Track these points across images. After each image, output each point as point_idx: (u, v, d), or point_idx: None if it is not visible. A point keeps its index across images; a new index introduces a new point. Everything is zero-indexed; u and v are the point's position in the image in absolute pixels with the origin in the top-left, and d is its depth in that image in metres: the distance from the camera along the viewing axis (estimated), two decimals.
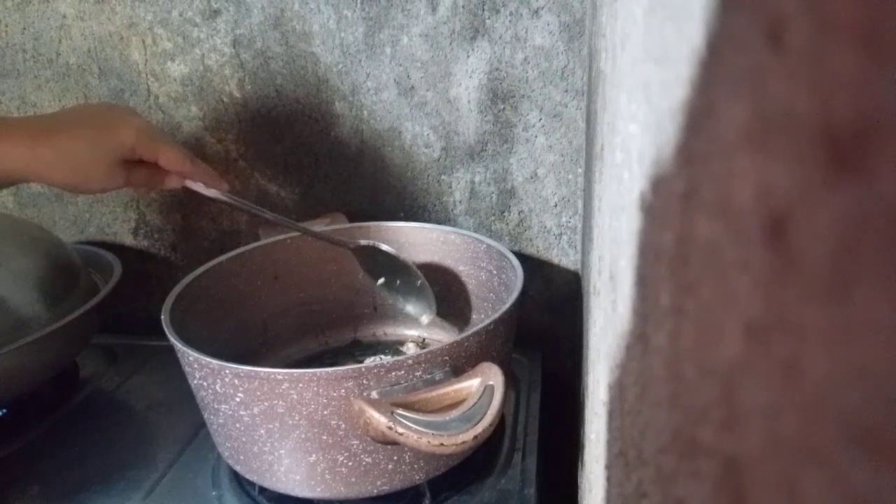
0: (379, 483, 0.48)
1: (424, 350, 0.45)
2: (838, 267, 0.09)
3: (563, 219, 0.70)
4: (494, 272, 0.63)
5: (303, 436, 0.45)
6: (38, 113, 0.75)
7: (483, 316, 0.65)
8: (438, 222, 0.69)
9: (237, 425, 0.47)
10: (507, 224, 0.71)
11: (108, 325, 0.69)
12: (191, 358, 0.47)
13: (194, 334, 0.50)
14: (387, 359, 0.65)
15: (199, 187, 0.55)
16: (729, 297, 0.13)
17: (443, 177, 0.70)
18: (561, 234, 0.71)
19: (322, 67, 0.68)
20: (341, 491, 0.48)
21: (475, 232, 0.67)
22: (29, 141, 0.47)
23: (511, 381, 0.60)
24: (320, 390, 0.43)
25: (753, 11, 0.11)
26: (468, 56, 0.65)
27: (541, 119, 0.66)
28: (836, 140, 0.09)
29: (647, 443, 0.21)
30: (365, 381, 0.43)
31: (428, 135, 0.69)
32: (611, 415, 0.29)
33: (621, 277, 0.26)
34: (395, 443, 0.42)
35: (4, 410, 0.63)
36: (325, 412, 0.44)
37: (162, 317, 0.51)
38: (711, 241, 0.14)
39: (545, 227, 0.71)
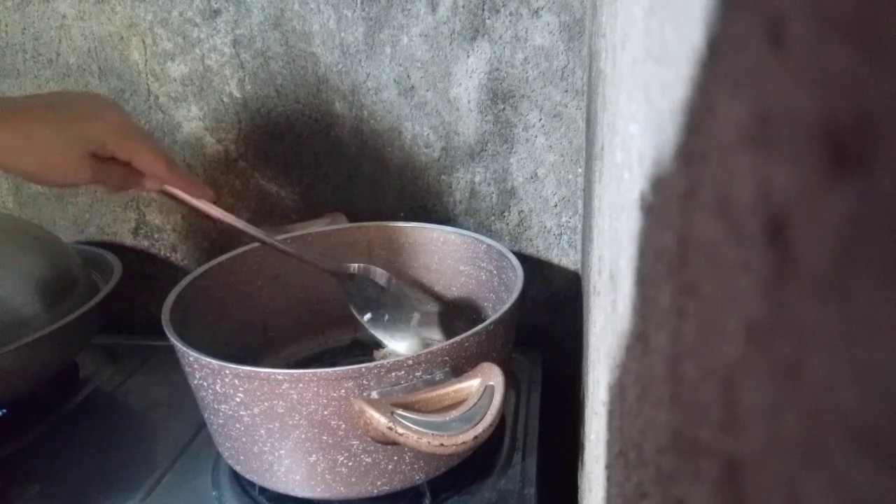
0: (379, 483, 0.48)
1: (424, 350, 0.45)
2: (838, 267, 0.09)
3: (563, 219, 0.70)
4: (494, 272, 0.63)
5: (303, 436, 0.45)
6: None
7: (483, 316, 0.65)
8: (438, 222, 0.69)
9: (237, 425, 0.47)
10: (507, 224, 0.71)
11: (108, 325, 0.69)
12: (191, 358, 0.47)
13: (194, 334, 0.50)
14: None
15: (179, 194, 0.51)
16: (729, 297, 0.13)
17: (443, 177, 0.70)
18: (561, 234, 0.71)
19: (322, 67, 0.68)
20: (341, 491, 0.48)
21: (475, 232, 0.67)
22: None
23: (511, 381, 0.60)
24: (320, 390, 0.43)
25: (753, 11, 0.11)
26: (468, 56, 0.65)
27: (541, 119, 0.66)
28: (836, 140, 0.09)
29: (647, 443, 0.21)
30: (365, 382, 0.43)
31: (428, 135, 0.69)
32: (611, 415, 0.29)
33: (621, 277, 0.26)
34: (395, 443, 0.42)
35: (4, 410, 0.63)
36: (326, 412, 0.44)
37: (162, 317, 0.51)
38: (711, 241, 0.14)
39: (545, 227, 0.71)
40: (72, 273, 0.66)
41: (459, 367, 0.46)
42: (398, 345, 0.62)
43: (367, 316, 0.61)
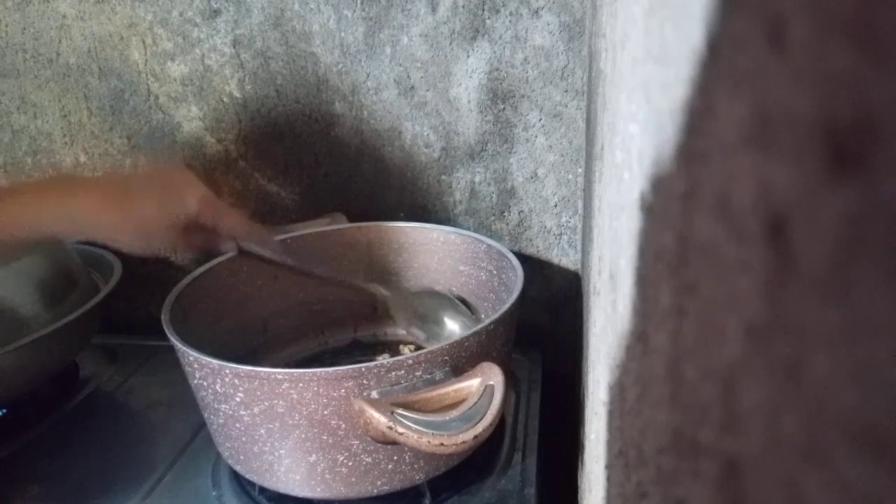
0: (379, 483, 0.48)
1: (424, 350, 0.45)
2: (838, 267, 0.09)
3: (563, 219, 0.70)
4: (494, 272, 0.63)
5: (303, 436, 0.45)
6: (38, 114, 0.75)
7: (483, 316, 0.65)
8: (438, 222, 0.69)
9: (237, 425, 0.47)
10: (507, 224, 0.71)
11: (108, 325, 0.69)
12: (191, 358, 0.47)
13: (194, 334, 0.50)
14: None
15: (253, 248, 0.57)
16: (729, 297, 0.13)
17: (443, 177, 0.70)
18: (561, 234, 0.71)
19: (322, 67, 0.68)
20: (341, 491, 0.48)
21: (475, 232, 0.67)
22: (99, 201, 0.48)
23: (511, 381, 0.60)
24: (320, 390, 0.43)
25: (753, 11, 0.11)
26: (468, 56, 0.65)
27: (541, 119, 0.66)
28: (836, 140, 0.09)
29: (647, 443, 0.21)
30: (365, 381, 0.43)
31: (428, 135, 0.69)
32: (611, 415, 0.29)
33: (621, 277, 0.26)
34: (395, 443, 0.42)
35: (4, 410, 0.63)
36: (326, 412, 0.44)
37: (162, 317, 0.51)
38: (711, 241, 0.14)
39: (545, 227, 0.71)
40: (72, 273, 0.66)
41: (459, 366, 0.46)
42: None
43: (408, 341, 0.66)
